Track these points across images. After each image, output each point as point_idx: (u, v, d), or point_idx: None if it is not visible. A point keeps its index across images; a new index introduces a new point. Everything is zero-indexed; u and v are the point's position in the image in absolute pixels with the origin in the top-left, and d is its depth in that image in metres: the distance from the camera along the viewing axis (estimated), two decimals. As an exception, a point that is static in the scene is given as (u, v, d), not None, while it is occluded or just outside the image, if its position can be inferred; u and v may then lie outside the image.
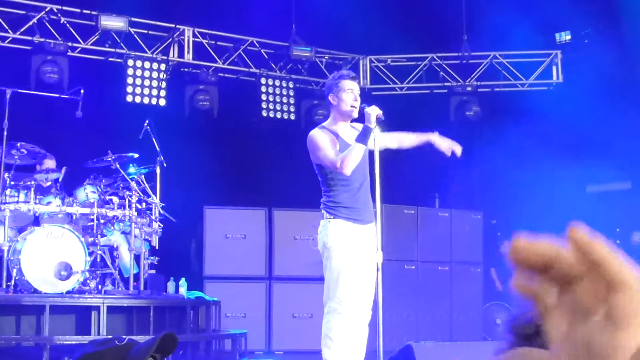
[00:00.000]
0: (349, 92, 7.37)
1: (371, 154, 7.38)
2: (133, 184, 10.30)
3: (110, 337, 3.09)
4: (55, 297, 9.15)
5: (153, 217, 10.70)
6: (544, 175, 14.43)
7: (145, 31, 14.05)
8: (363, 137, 7.18)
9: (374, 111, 7.15)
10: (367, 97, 14.95)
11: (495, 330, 12.65)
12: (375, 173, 7.24)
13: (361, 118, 7.27)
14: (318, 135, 7.37)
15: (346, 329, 7.20)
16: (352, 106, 7.36)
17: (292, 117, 14.73)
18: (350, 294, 7.18)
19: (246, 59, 14.80)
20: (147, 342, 2.86)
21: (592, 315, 0.90)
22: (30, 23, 13.07)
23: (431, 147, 7.77)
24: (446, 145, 8.00)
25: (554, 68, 15.46)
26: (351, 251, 7.25)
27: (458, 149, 8.08)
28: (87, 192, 10.12)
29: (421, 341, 7.24)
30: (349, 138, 7.33)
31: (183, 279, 11.04)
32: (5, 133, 9.65)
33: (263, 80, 14.65)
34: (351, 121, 7.48)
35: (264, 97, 14.59)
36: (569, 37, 15.31)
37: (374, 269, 7.27)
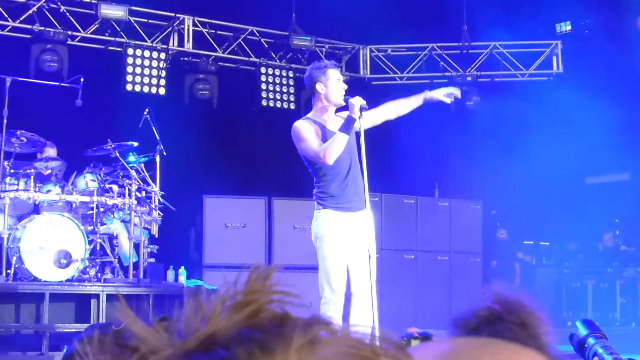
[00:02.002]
0: (339, 81, 7.38)
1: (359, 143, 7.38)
2: (133, 173, 10.30)
3: (107, 322, 3.09)
4: (55, 285, 9.17)
5: (153, 206, 10.70)
6: (543, 166, 14.45)
7: (145, 20, 14.04)
8: (346, 127, 7.19)
9: (357, 102, 7.17)
10: (367, 87, 15.00)
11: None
12: (362, 160, 7.23)
13: (346, 107, 7.28)
14: (302, 126, 7.37)
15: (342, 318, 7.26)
16: (341, 94, 7.37)
17: (292, 106, 14.73)
18: (343, 283, 7.23)
19: (246, 48, 14.80)
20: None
21: None
22: (30, 12, 13.05)
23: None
24: (442, 94, 7.88)
25: (554, 58, 15.46)
26: (341, 240, 7.27)
27: (457, 92, 7.98)
28: (87, 180, 10.14)
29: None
30: (335, 127, 7.33)
31: (182, 268, 11.06)
32: (5, 121, 9.65)
33: (263, 70, 14.65)
34: (336, 111, 7.47)
35: (263, 86, 14.59)
36: (569, 28, 15.31)
37: (367, 255, 7.28)
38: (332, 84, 7.37)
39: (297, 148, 7.42)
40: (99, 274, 9.84)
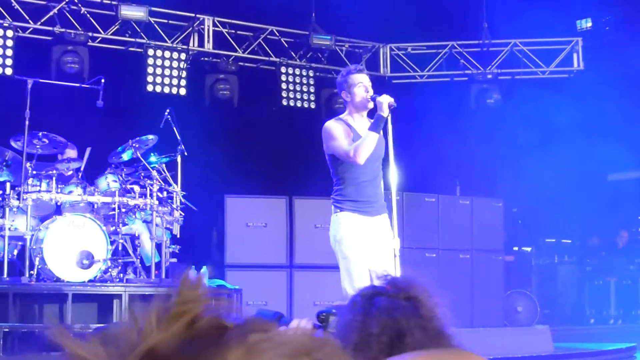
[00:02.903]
0: (360, 85, 7.39)
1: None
2: (154, 173, 10.33)
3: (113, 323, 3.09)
4: (78, 285, 9.21)
5: (174, 206, 10.73)
6: (564, 163, 14.40)
7: (165, 20, 14.08)
8: (376, 126, 7.19)
9: (385, 99, 7.17)
10: (387, 86, 14.97)
11: (516, 317, 12.63)
12: (390, 158, 7.22)
13: (376, 110, 7.27)
14: (332, 126, 7.39)
15: None
16: (365, 98, 7.37)
17: (312, 105, 14.73)
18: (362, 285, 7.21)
19: (266, 47, 14.81)
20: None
21: None
22: (51, 13, 13.11)
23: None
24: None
25: (575, 55, 15.40)
26: (360, 243, 7.27)
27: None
28: (109, 181, 10.16)
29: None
30: (364, 131, 7.34)
31: (204, 267, 11.07)
32: (27, 123, 9.68)
33: (283, 69, 14.66)
34: (367, 114, 7.47)
35: (284, 85, 14.59)
36: (590, 24, 15.27)
37: (386, 259, 7.28)
38: (355, 90, 7.39)
39: (325, 147, 7.42)
40: (121, 275, 9.89)
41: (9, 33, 12.59)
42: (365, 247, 7.28)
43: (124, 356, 0.95)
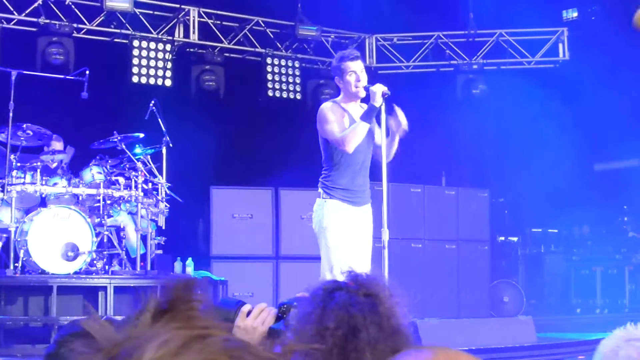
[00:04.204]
0: (352, 74, 7.36)
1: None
2: (139, 165, 10.32)
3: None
4: (63, 277, 9.19)
5: (159, 198, 10.72)
6: (551, 153, 14.41)
7: (151, 11, 14.04)
8: (367, 116, 7.18)
9: (379, 89, 7.14)
10: (373, 76, 14.94)
11: (502, 308, 12.66)
12: (383, 148, 7.20)
13: (369, 97, 7.24)
14: (327, 109, 7.38)
15: None
16: (356, 87, 7.35)
17: (298, 96, 14.72)
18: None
19: (252, 38, 14.79)
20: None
21: None
22: (36, 4, 13.06)
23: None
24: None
25: (561, 45, 15.42)
26: (345, 232, 7.28)
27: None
28: (93, 172, 10.14)
29: (425, 318, 7.24)
30: (358, 117, 7.33)
31: (190, 259, 11.08)
32: (11, 114, 9.63)
33: (269, 60, 14.64)
34: (361, 101, 7.44)
35: (269, 76, 14.58)
36: (575, 14, 15.27)
37: (368, 249, 7.30)
38: (347, 78, 7.36)
39: (319, 130, 7.41)
40: (107, 266, 9.87)
41: (-6, 24, 12.55)
42: (349, 238, 7.29)
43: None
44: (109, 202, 10.11)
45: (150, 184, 10.59)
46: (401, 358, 1.47)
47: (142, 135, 10.56)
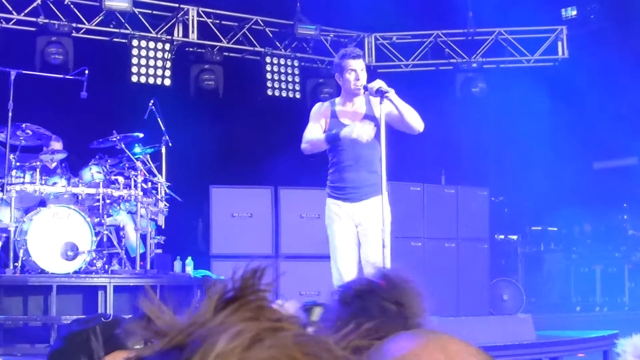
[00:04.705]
0: (352, 72, 7.37)
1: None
2: (138, 164, 10.31)
3: (95, 314, 3.10)
4: (62, 277, 9.19)
5: (159, 197, 10.72)
6: (550, 152, 14.42)
7: (150, 11, 14.04)
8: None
9: (376, 84, 7.15)
10: (372, 75, 14.94)
11: (502, 306, 12.66)
12: (381, 145, 7.16)
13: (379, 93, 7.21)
14: (315, 108, 7.58)
15: None
16: (355, 85, 7.36)
17: (298, 95, 14.72)
18: (349, 269, 7.30)
19: (251, 37, 14.79)
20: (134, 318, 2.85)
21: None
22: (35, 4, 13.07)
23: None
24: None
25: (560, 44, 15.42)
26: (340, 231, 7.38)
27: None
28: (93, 172, 10.14)
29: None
30: (354, 115, 7.36)
31: (190, 258, 11.08)
32: (10, 114, 9.64)
33: (268, 59, 14.64)
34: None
35: (269, 75, 14.58)
36: (574, 13, 15.27)
37: (373, 243, 7.29)
38: (346, 76, 7.38)
39: None
40: (106, 266, 9.87)
41: (-7, 24, 12.56)
42: (346, 235, 7.34)
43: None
44: (108, 201, 10.11)
45: (149, 183, 10.59)
46: (393, 341, 1.46)
47: (141, 134, 10.57)
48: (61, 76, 11.10)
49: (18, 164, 9.66)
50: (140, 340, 1.04)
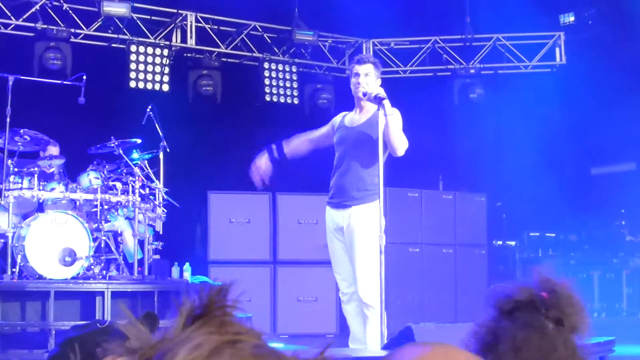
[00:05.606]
0: (355, 77, 7.45)
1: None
2: (136, 170, 10.31)
3: (92, 320, 3.11)
4: (60, 283, 9.19)
5: (157, 203, 10.72)
6: (548, 158, 14.43)
7: (148, 17, 14.03)
8: None
9: (375, 90, 7.24)
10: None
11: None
12: (379, 152, 7.17)
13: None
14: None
15: (346, 312, 7.41)
16: (356, 90, 7.43)
17: (296, 101, 14.71)
18: (343, 275, 7.39)
19: (249, 43, 14.78)
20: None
21: None
22: (33, 10, 13.06)
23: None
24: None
25: (557, 50, 15.41)
26: (329, 238, 7.52)
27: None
28: (91, 178, 10.15)
29: (421, 323, 7.25)
30: (356, 122, 7.42)
31: (187, 264, 11.08)
32: (8, 120, 9.64)
33: (266, 65, 14.63)
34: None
35: (267, 81, 14.56)
36: (572, 19, 15.28)
37: (356, 254, 7.30)
38: (352, 79, 7.55)
39: None
40: (104, 272, 9.88)
41: (-9, 30, 12.56)
42: (334, 244, 7.43)
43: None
44: (106, 207, 10.11)
45: (147, 189, 10.60)
46: (400, 351, 1.48)
47: (139, 140, 10.57)
48: (59, 82, 11.08)
49: (16, 169, 9.66)
50: (116, 357, 1.09)
